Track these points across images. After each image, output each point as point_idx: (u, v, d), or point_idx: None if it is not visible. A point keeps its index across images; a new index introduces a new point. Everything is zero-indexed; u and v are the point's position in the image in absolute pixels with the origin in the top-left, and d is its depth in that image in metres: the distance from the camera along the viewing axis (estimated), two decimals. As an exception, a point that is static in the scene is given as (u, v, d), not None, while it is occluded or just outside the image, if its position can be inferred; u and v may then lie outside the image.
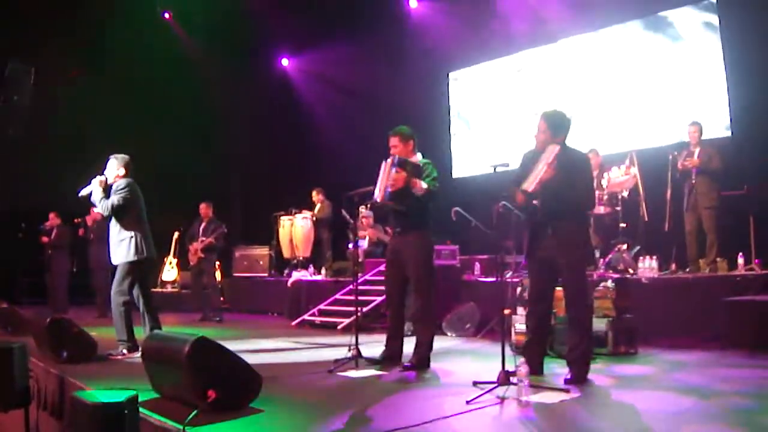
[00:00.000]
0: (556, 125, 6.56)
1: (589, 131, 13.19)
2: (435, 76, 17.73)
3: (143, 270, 8.68)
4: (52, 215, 15.46)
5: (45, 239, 15.34)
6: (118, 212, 8.47)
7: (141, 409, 4.50)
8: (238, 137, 20.37)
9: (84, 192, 8.64)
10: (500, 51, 16.16)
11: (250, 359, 5.42)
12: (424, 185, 7.18)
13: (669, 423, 4.71)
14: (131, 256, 8.42)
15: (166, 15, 20.23)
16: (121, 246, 8.48)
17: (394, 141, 7.53)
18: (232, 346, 5.43)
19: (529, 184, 6.30)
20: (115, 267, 8.56)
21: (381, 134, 7.83)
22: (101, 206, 8.48)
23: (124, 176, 8.69)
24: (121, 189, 8.49)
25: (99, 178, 8.59)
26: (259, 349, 8.99)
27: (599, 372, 6.60)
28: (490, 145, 16.13)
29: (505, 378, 5.55)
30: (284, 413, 5.23)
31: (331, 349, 8.66)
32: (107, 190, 8.53)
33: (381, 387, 6.37)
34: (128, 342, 8.36)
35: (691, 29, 12.95)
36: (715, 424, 4.75)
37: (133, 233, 8.47)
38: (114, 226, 8.56)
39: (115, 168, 8.72)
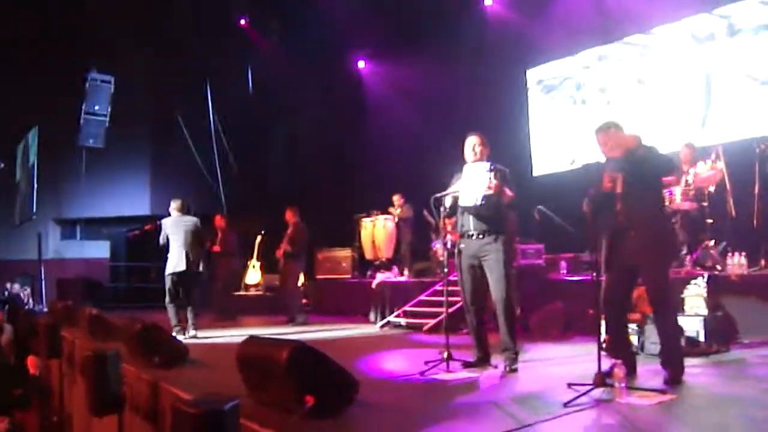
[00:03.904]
0: (620, 127, 6.65)
1: (675, 125, 13.04)
2: (512, 74, 17.57)
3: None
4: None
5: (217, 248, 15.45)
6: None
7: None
8: (317, 140, 20.53)
9: None
10: (580, 45, 15.99)
11: (339, 362, 5.46)
12: (510, 193, 7.23)
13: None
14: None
15: (242, 21, 20.51)
16: None
17: (476, 141, 7.56)
18: (319, 348, 5.46)
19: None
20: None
21: (457, 135, 7.83)
22: None
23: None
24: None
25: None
26: (347, 351, 9.04)
27: (694, 371, 6.52)
28: (571, 141, 15.97)
29: (600, 380, 5.51)
30: (380, 418, 5.27)
31: (419, 351, 8.69)
32: None
33: (475, 390, 6.38)
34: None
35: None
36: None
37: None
38: None
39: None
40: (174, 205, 11.88)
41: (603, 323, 7.23)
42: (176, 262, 11.42)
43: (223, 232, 15.36)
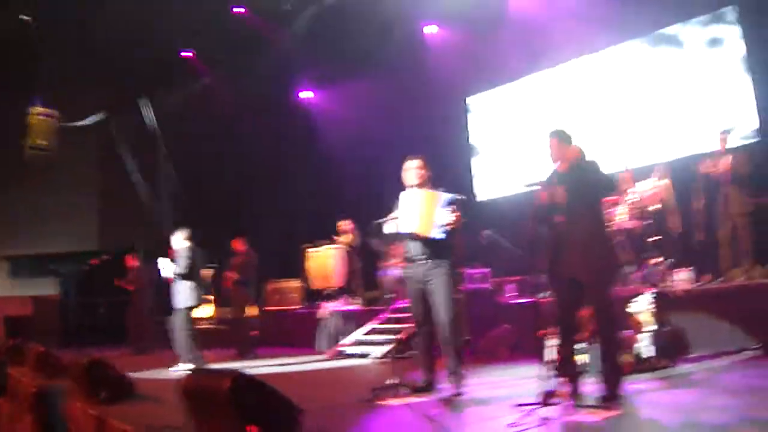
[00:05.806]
0: (565, 138, 6.66)
1: (617, 145, 13.18)
2: (453, 100, 17.84)
3: None
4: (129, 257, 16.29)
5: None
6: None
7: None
8: (266, 172, 20.51)
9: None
10: (519, 72, 16.23)
11: (288, 391, 5.40)
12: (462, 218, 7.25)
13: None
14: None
15: (189, 54, 20.43)
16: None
17: (418, 164, 7.54)
18: (268, 378, 5.40)
19: None
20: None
21: (401, 161, 7.82)
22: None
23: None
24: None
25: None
26: (296, 380, 8.99)
27: (640, 386, 6.54)
28: (512, 166, 16.08)
29: (546, 399, 5.50)
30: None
31: (368, 378, 8.64)
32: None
33: (422, 414, 6.34)
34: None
35: (712, 39, 12.95)
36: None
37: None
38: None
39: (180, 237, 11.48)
40: (187, 235, 11.56)
41: (546, 342, 7.24)
42: (201, 292, 11.35)
43: (137, 269, 16.02)
